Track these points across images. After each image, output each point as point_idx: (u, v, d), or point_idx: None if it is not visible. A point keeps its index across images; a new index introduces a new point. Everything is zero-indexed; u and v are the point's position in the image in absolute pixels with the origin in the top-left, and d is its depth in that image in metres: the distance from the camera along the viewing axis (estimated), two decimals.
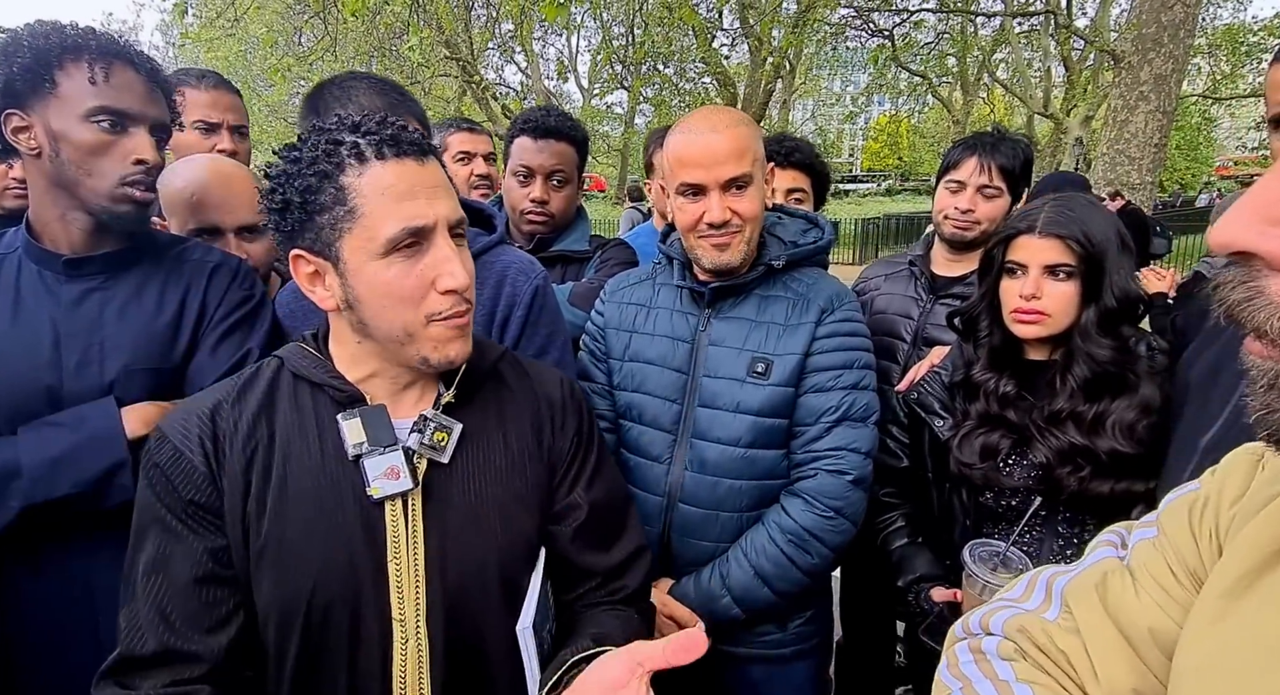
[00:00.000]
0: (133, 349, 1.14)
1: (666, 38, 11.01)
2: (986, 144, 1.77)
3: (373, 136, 0.81)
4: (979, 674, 0.66)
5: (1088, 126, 11.28)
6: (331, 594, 0.81)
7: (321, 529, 0.82)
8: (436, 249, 0.82)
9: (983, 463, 1.28)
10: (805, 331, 1.31)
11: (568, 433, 0.99)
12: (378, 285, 0.81)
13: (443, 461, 0.87)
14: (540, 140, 1.77)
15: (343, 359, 0.90)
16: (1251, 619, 0.49)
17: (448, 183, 0.86)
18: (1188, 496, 0.63)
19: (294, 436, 0.86)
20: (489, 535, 0.88)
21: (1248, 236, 0.38)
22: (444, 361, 0.86)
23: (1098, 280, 1.23)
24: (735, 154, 1.24)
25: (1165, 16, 6.30)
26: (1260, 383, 0.40)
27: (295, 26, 10.40)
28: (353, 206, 0.79)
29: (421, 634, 0.83)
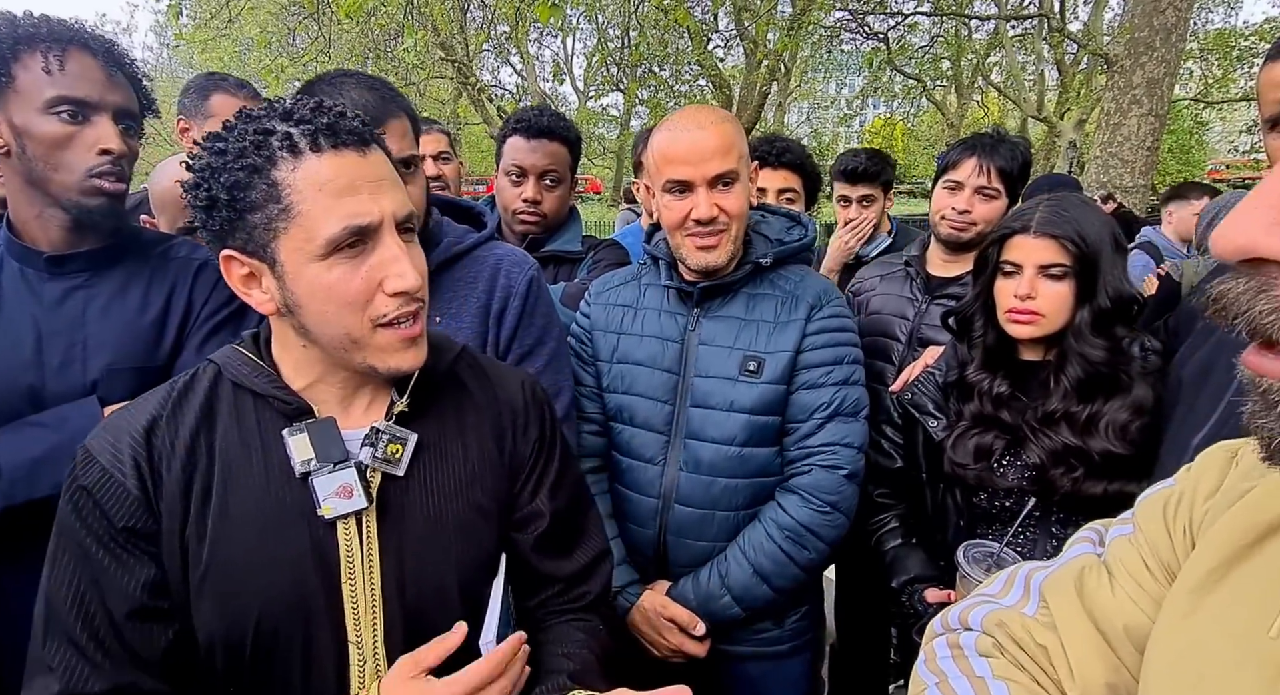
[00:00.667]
0: (116, 348, 1.13)
1: (662, 40, 11.02)
2: (986, 145, 1.77)
3: (307, 126, 0.73)
4: (956, 670, 0.66)
5: (1081, 130, 11.33)
6: (279, 619, 0.77)
7: (267, 553, 0.77)
8: (383, 248, 0.75)
9: (976, 463, 1.27)
10: (795, 328, 1.31)
11: (530, 438, 0.94)
12: (319, 289, 0.74)
13: (398, 475, 0.82)
14: (533, 140, 1.76)
15: (286, 365, 0.83)
16: (1221, 613, 0.50)
17: (394, 175, 0.79)
18: (1163, 492, 0.63)
19: (236, 454, 0.79)
20: (448, 550, 0.83)
21: (1260, 239, 0.35)
22: (393, 371, 0.80)
23: (1092, 280, 1.23)
24: (721, 150, 1.24)
25: (1157, 20, 6.33)
26: (1260, 389, 0.37)
27: (289, 28, 10.38)
28: (287, 204, 0.72)
29: (380, 655, 0.79)
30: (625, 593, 1.35)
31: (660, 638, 1.33)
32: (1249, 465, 0.56)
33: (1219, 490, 0.57)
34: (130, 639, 0.75)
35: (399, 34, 8.98)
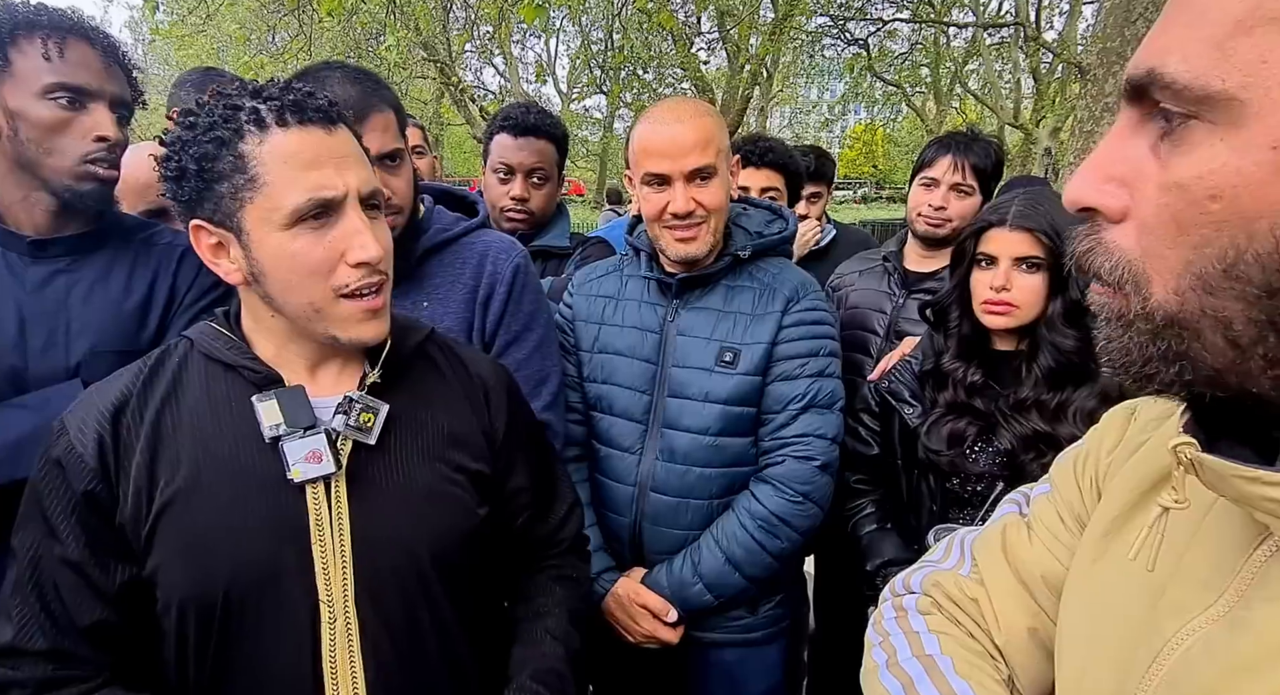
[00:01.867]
0: (99, 331, 1.13)
1: (645, 43, 11.07)
2: (960, 143, 1.81)
3: (274, 102, 0.77)
4: (897, 628, 0.71)
5: (1056, 137, 11.56)
6: (250, 581, 0.79)
7: (238, 518, 0.79)
8: (346, 220, 0.78)
9: (950, 449, 1.30)
10: (772, 321, 1.32)
11: (503, 415, 0.97)
12: (283, 258, 0.77)
13: (369, 443, 0.85)
14: (520, 138, 1.76)
15: (256, 336, 0.86)
16: (1122, 554, 0.54)
17: (360, 153, 0.83)
18: (1074, 452, 0.69)
19: (206, 423, 0.82)
20: (420, 518, 0.86)
21: (1089, 194, 0.42)
22: (355, 341, 0.83)
23: (1064, 273, 1.27)
24: (699, 144, 1.25)
25: (1128, 31, 6.48)
26: (1100, 318, 0.44)
27: (269, 25, 10.26)
28: (253, 175, 0.75)
29: (350, 614, 0.82)
30: (601, 579, 1.36)
31: (634, 624, 1.34)
32: (1145, 419, 0.61)
33: (1120, 444, 0.62)
34: (71, 607, 0.78)
35: (381, 33, 8.93)
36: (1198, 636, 0.44)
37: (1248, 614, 0.42)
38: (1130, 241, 0.41)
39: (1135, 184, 0.41)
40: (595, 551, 1.37)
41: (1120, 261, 0.41)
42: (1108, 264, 0.42)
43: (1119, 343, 0.43)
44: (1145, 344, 0.41)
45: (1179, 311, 0.39)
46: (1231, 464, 0.39)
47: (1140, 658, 0.47)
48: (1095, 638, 0.53)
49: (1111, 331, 0.43)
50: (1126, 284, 0.41)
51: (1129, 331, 0.42)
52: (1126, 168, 0.41)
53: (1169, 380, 0.41)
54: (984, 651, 0.65)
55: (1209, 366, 0.39)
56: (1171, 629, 0.45)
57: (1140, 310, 0.41)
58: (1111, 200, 0.42)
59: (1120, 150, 0.42)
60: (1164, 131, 0.39)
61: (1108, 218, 0.42)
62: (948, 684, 0.61)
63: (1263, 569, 0.42)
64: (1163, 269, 0.39)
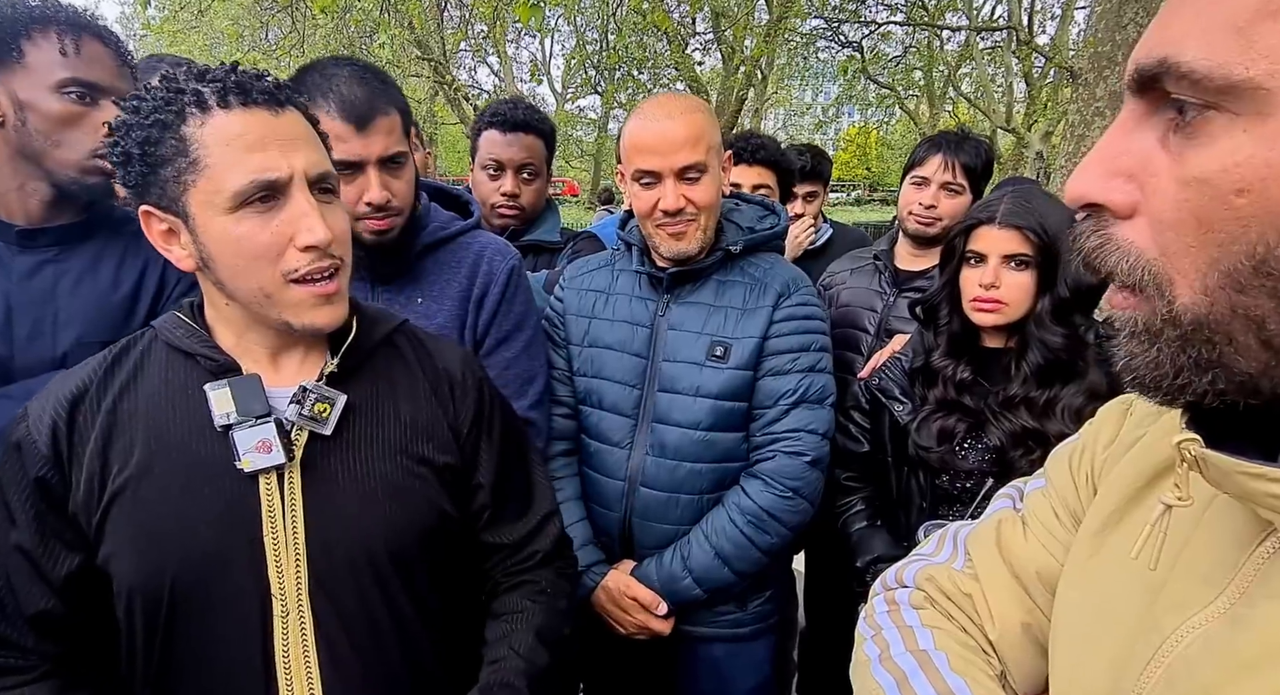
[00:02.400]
0: (86, 322, 1.13)
1: (640, 43, 11.07)
2: (951, 142, 1.82)
3: (216, 84, 0.75)
4: (889, 622, 0.70)
5: (1048, 141, 11.63)
6: (198, 571, 0.78)
7: (186, 506, 0.79)
8: (294, 203, 0.77)
9: (940, 446, 1.31)
10: (763, 315, 1.33)
11: (467, 408, 0.95)
12: (229, 242, 0.76)
13: (325, 434, 0.83)
14: (510, 134, 1.76)
15: (216, 325, 0.85)
16: (1117, 550, 0.53)
17: (311, 136, 0.81)
18: (1070, 446, 0.68)
19: (161, 412, 0.81)
20: (377, 512, 0.84)
21: (1094, 189, 0.40)
22: (308, 327, 0.81)
23: (1052, 270, 1.27)
24: (690, 141, 1.25)
25: (1119, 35, 6.53)
26: (1124, 332, 0.41)
27: (262, 21, 10.21)
28: (195, 158, 0.74)
29: (304, 607, 0.80)
30: (590, 572, 1.36)
31: (624, 616, 1.34)
32: (1141, 414, 0.60)
33: (1115, 439, 0.61)
34: (20, 594, 0.78)
35: (375, 31, 8.90)
36: (1197, 634, 0.43)
37: (1250, 611, 0.41)
38: (1145, 239, 0.39)
39: (1144, 178, 0.39)
40: (585, 545, 1.37)
41: (1138, 261, 0.39)
42: (1124, 263, 0.40)
43: (1147, 357, 0.40)
44: (1176, 354, 0.39)
45: (1209, 313, 0.37)
46: (1237, 461, 0.38)
47: (1138, 654, 0.46)
48: (1090, 634, 0.52)
49: (1136, 346, 0.41)
50: (1148, 285, 0.39)
51: (1157, 342, 0.39)
52: (1134, 161, 0.39)
53: (1203, 391, 0.39)
54: (977, 647, 0.65)
55: (1243, 371, 0.37)
56: (1171, 626, 0.45)
57: (1167, 314, 0.38)
58: (1119, 196, 0.40)
59: (1126, 143, 0.40)
60: (1175, 124, 0.37)
61: (1115, 214, 0.40)
62: (943, 680, 0.60)
63: (1265, 566, 0.41)
64: (1186, 268, 0.37)
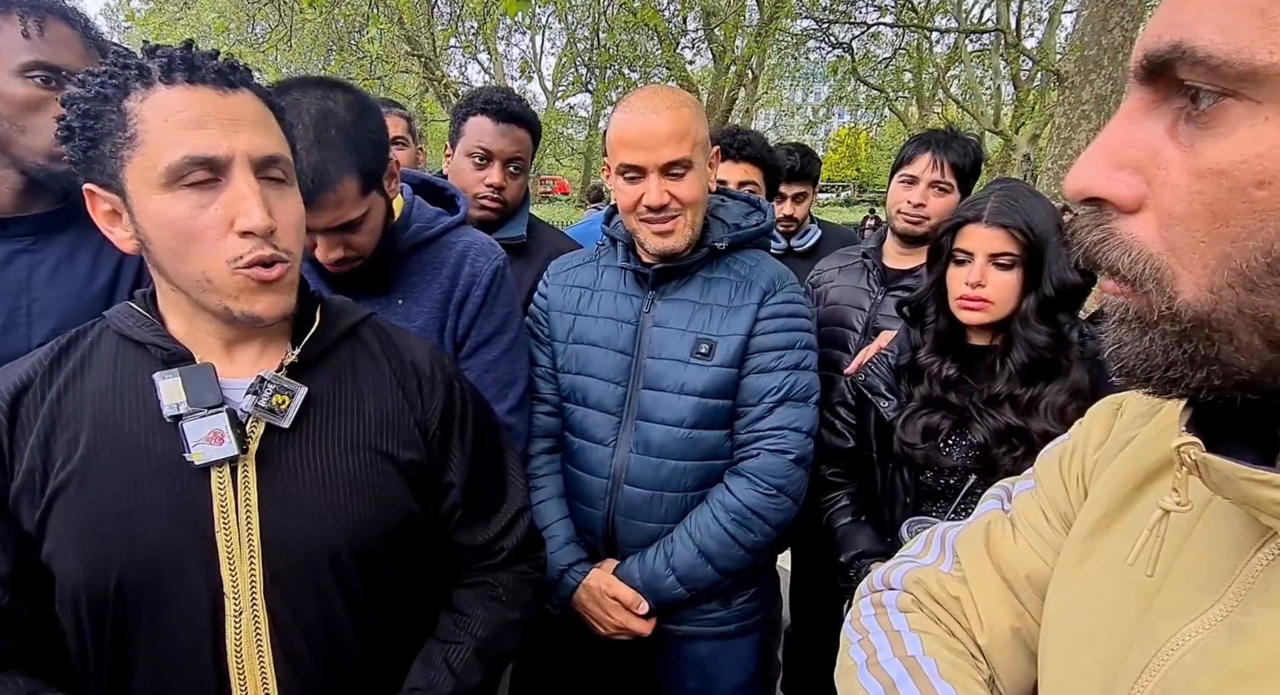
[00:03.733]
0: (62, 313, 1.10)
1: (631, 42, 11.06)
2: (940, 141, 1.82)
3: (163, 59, 0.72)
4: (876, 626, 0.68)
5: (1035, 144, 11.75)
6: (144, 568, 0.75)
7: (133, 501, 0.75)
8: (234, 185, 0.73)
9: (924, 443, 1.31)
10: (748, 313, 1.31)
11: (435, 403, 0.93)
12: (165, 221, 0.72)
13: (283, 426, 0.80)
14: (502, 124, 1.68)
15: (167, 311, 0.82)
16: (1108, 555, 0.53)
17: (263, 118, 0.77)
18: (1059, 447, 0.67)
19: (108, 404, 0.78)
20: (338, 508, 0.81)
21: (1097, 182, 0.39)
22: (247, 314, 0.77)
23: (1038, 269, 1.27)
24: (675, 136, 1.23)
25: (1105, 39, 6.60)
26: (1113, 318, 0.40)
27: (249, 14, 10.10)
28: (133, 133, 0.71)
29: (259, 606, 0.77)
30: (572, 571, 1.34)
31: (605, 616, 1.32)
32: (1131, 415, 0.59)
33: (1106, 440, 0.60)
34: None
35: (364, 26, 8.82)
36: (1194, 642, 0.42)
37: (1248, 620, 0.40)
38: (1150, 234, 0.37)
39: (1151, 171, 0.37)
40: (567, 544, 1.36)
41: (1140, 256, 0.38)
42: (1125, 258, 0.38)
43: (1137, 347, 0.39)
44: (1170, 347, 0.37)
45: (1212, 311, 0.35)
46: (1239, 466, 0.36)
47: (1132, 662, 0.45)
48: (1082, 640, 0.51)
49: (1126, 334, 0.39)
50: (1148, 281, 0.37)
51: (1149, 333, 0.38)
52: (1140, 153, 0.38)
53: (1196, 385, 0.38)
54: (965, 652, 0.64)
55: (1243, 369, 0.36)
56: (1166, 633, 0.43)
57: (1165, 310, 0.37)
58: (1124, 189, 0.38)
59: (1131, 134, 0.38)
60: (1186, 113, 0.35)
61: (1120, 208, 0.38)
62: (931, 687, 0.59)
63: (1264, 573, 0.40)
64: (1193, 264, 0.36)
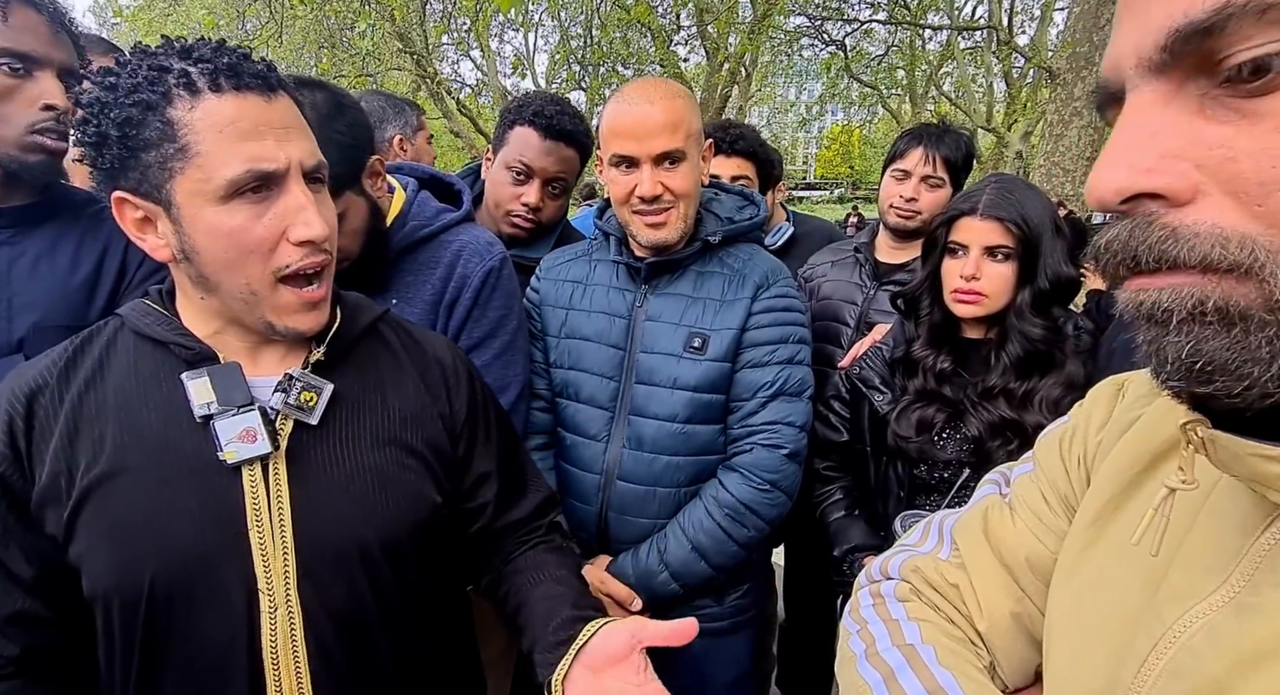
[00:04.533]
0: (44, 307, 1.09)
1: (624, 39, 11.04)
2: (932, 135, 1.81)
3: (206, 65, 0.70)
4: (875, 616, 0.67)
5: (1027, 141, 11.79)
6: (178, 568, 0.75)
7: (164, 501, 0.75)
8: (289, 195, 0.73)
9: (918, 436, 1.30)
10: (741, 307, 1.30)
11: (463, 396, 0.93)
12: (220, 234, 0.72)
13: (311, 423, 0.80)
14: (549, 141, 1.56)
15: (189, 314, 0.81)
16: (1116, 539, 0.52)
17: (303, 123, 0.78)
18: (1059, 429, 0.66)
19: (132, 403, 0.77)
20: (366, 503, 0.82)
21: (1141, 178, 0.36)
22: (291, 331, 0.79)
23: (1033, 262, 1.27)
24: (669, 127, 1.22)
25: (1096, 36, 6.64)
26: (1179, 315, 0.36)
27: (239, 10, 10.03)
28: (185, 144, 0.69)
29: (293, 602, 0.77)
30: None
31: None
32: (1134, 395, 0.58)
33: (1108, 422, 0.59)
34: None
35: (355, 23, 8.77)
36: (1201, 623, 0.41)
37: (1257, 600, 0.39)
38: (1230, 217, 0.34)
39: (1200, 154, 0.34)
40: None
41: (1242, 241, 0.34)
42: (1218, 249, 0.34)
43: (1226, 342, 0.34)
44: (1259, 343, 0.34)
45: None
46: (1248, 442, 0.35)
47: (1139, 646, 0.45)
48: (1088, 626, 0.51)
49: (1204, 331, 0.35)
50: (1265, 267, 0.33)
51: (1237, 328, 0.34)
52: (1178, 141, 0.35)
53: (1264, 381, 0.34)
54: (965, 638, 0.63)
55: None
56: (1172, 616, 0.43)
57: (1277, 299, 0.33)
58: (1175, 178, 0.35)
59: (1158, 124, 0.35)
60: (1212, 96, 0.34)
61: (1174, 199, 0.35)
62: (930, 675, 0.58)
63: (1272, 552, 0.40)
64: None
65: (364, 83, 11.57)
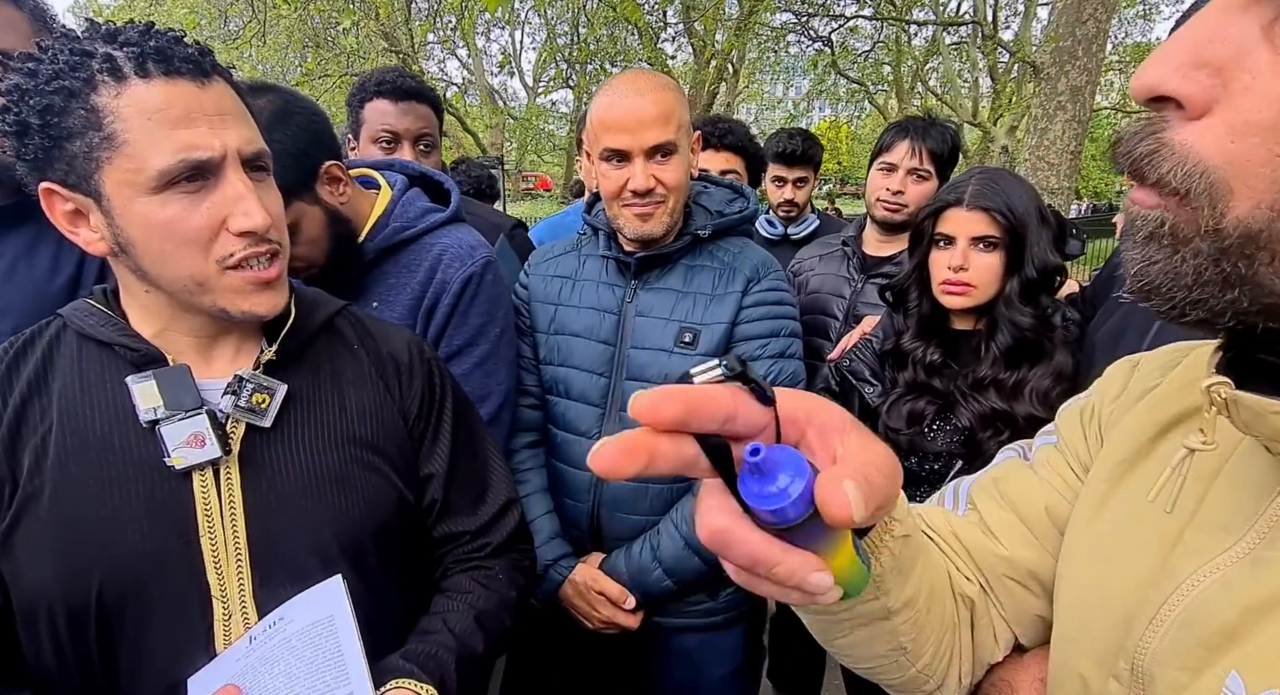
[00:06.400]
0: (22, 311, 1.06)
1: (612, 37, 11.01)
2: (918, 128, 1.82)
3: (132, 48, 0.67)
4: None
5: (1013, 136, 11.86)
6: (128, 577, 0.72)
7: (110, 508, 0.72)
8: (227, 184, 0.71)
9: (909, 429, 1.30)
10: (732, 301, 1.30)
11: (414, 392, 0.91)
12: (154, 226, 0.69)
13: (264, 426, 0.78)
14: (402, 103, 1.63)
15: (134, 312, 0.78)
16: (1127, 498, 0.53)
17: (241, 109, 0.74)
18: (1080, 402, 0.66)
19: (77, 408, 0.74)
20: (325, 505, 0.80)
21: (1170, 78, 0.36)
22: (248, 315, 0.75)
23: (1020, 251, 1.27)
24: (660, 119, 1.21)
25: (1079, 31, 6.68)
26: (1141, 233, 0.38)
27: (220, 9, 9.92)
28: (111, 132, 0.66)
29: (249, 609, 0.75)
30: (558, 566, 1.32)
31: (592, 611, 1.31)
32: (1149, 368, 0.60)
33: (1123, 392, 0.60)
34: None
35: (340, 22, 8.70)
36: (1215, 578, 0.42)
37: (1273, 554, 0.40)
38: (1210, 144, 0.35)
39: (1233, 73, 0.34)
40: (552, 539, 1.34)
41: (1196, 168, 0.35)
42: (1179, 169, 0.35)
43: (1168, 265, 0.37)
44: (1203, 266, 0.36)
45: (1264, 229, 0.33)
46: (1270, 400, 0.36)
47: (1151, 599, 0.45)
48: (1101, 581, 0.51)
49: (1156, 251, 0.37)
50: (1200, 195, 0.35)
51: (1183, 250, 0.36)
52: (1226, 52, 0.34)
53: (1220, 309, 0.36)
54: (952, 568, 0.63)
55: (1275, 292, 0.34)
56: (1186, 571, 0.44)
57: (1211, 226, 0.35)
58: (1197, 89, 0.35)
59: (1221, 28, 0.34)
60: None
61: (1186, 112, 0.35)
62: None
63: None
64: (1256, 179, 0.33)
65: (349, 82, 11.48)
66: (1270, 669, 0.38)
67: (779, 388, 0.34)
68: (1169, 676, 0.43)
